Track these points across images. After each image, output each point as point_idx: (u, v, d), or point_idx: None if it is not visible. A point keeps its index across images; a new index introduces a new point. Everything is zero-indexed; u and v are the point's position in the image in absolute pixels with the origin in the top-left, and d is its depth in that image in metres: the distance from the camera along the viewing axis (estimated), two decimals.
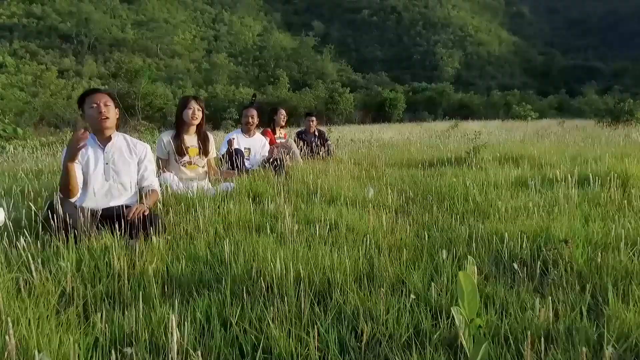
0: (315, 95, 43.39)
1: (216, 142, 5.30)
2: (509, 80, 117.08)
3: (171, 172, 3.79)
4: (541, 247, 2.18)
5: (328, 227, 2.68)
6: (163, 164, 3.92)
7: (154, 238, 2.44)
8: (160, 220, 2.65)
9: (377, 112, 42.33)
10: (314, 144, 7.48)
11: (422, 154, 7.11)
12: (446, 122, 27.83)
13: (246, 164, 5.15)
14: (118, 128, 3.10)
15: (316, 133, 7.64)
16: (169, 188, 3.42)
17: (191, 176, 4.00)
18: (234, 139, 5.15)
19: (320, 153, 7.16)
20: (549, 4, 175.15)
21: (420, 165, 5.93)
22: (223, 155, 4.93)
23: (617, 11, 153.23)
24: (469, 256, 1.59)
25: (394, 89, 49.10)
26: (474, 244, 2.34)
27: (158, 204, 3.06)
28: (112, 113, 2.97)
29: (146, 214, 2.69)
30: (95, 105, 2.94)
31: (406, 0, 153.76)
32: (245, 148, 5.38)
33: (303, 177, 4.73)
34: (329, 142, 7.72)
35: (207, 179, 4.18)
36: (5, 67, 78.53)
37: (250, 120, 5.40)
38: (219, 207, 3.06)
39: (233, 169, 4.70)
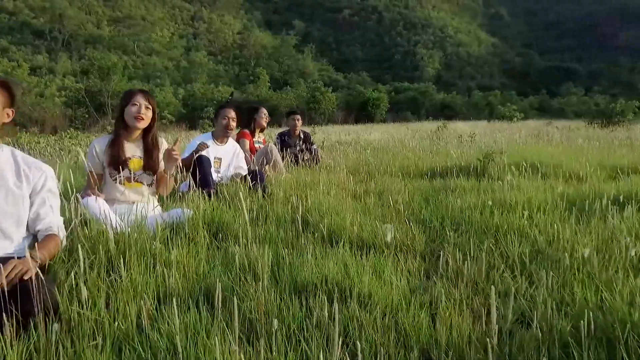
0: (296, 94, 42.15)
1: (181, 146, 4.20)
2: (489, 81, 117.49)
3: (99, 195, 2.65)
4: None
5: (327, 295, 1.64)
6: (94, 181, 2.80)
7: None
8: (48, 292, 1.57)
9: (359, 112, 41.36)
10: (298, 148, 6.44)
11: (424, 160, 6.12)
12: (431, 123, 26.97)
13: (214, 175, 4.07)
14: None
15: (301, 135, 6.58)
16: (90, 221, 2.33)
17: (132, 197, 2.89)
18: (205, 144, 4.00)
19: (305, 158, 6.13)
20: (527, 6, 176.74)
21: (426, 175, 4.93)
22: (183, 162, 3.84)
23: (592, 14, 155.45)
24: None
25: (376, 89, 48.15)
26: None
27: (61, 253, 1.96)
28: None
29: (27, 277, 1.61)
30: None
31: (387, 1, 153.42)
32: (215, 158, 4.27)
33: (286, 193, 3.69)
34: (314, 146, 6.67)
35: (155, 200, 3.08)
36: None
37: (231, 123, 4.26)
38: (155, 258, 1.97)
39: (195, 183, 3.61)
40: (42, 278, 1.56)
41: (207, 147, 3.97)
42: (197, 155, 3.85)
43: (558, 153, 6.31)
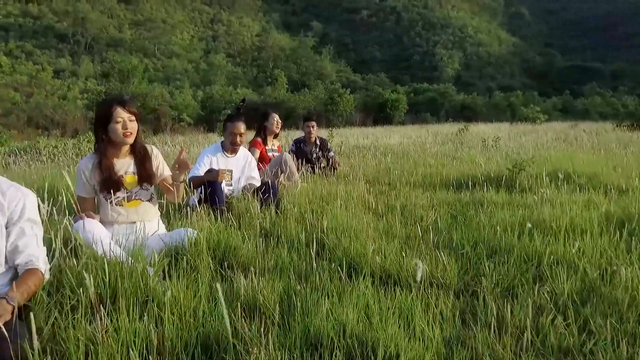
0: (314, 96, 41.87)
1: (193, 157, 3.96)
2: (509, 81, 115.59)
3: (94, 217, 2.41)
4: None
5: (346, 351, 1.37)
6: (87, 206, 2.55)
7: None
8: (17, 347, 1.33)
9: (378, 113, 40.85)
10: (314, 155, 6.15)
11: (447, 168, 5.79)
12: (452, 125, 26.38)
13: (226, 189, 3.82)
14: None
15: (317, 142, 6.27)
16: (81, 247, 2.09)
17: (132, 217, 2.63)
18: (226, 172, 3.64)
19: (322, 166, 5.84)
20: (547, 5, 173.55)
21: (452, 186, 4.62)
22: (192, 180, 3.59)
23: (612, 13, 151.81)
24: None
25: (395, 90, 47.55)
26: None
27: (42, 292, 1.72)
28: None
29: (0, 324, 1.37)
30: None
31: (405, 1, 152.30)
32: (226, 171, 4.01)
33: (301, 209, 3.42)
34: (331, 153, 6.36)
35: (158, 219, 2.82)
36: (0, 67, 76.77)
37: (238, 140, 3.94)
38: (148, 297, 1.73)
39: (205, 199, 3.37)
40: (7, 336, 1.31)
41: (216, 177, 3.59)
42: (207, 179, 3.54)
43: (592, 160, 5.91)
